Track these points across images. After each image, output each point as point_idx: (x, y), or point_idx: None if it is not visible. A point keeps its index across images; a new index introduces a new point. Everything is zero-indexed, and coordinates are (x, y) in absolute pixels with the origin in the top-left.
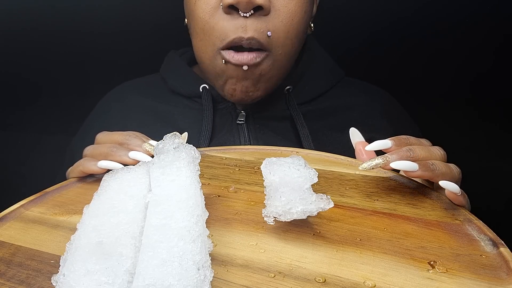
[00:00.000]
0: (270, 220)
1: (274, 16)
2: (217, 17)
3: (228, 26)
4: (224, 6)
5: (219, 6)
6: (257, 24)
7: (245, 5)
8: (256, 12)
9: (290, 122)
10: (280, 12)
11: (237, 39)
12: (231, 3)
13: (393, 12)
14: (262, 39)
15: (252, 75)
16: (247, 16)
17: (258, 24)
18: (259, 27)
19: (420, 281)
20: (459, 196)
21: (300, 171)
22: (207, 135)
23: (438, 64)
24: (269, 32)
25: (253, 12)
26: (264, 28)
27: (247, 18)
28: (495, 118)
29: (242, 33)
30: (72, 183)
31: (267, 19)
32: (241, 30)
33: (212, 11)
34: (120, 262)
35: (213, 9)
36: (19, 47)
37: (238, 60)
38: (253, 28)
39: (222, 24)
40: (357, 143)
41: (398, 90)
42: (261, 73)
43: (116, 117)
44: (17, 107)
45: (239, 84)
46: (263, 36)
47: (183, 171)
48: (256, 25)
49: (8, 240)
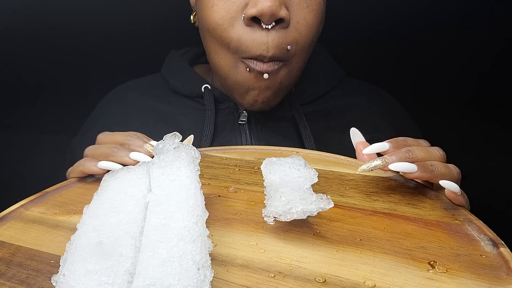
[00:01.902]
0: (270, 220)
1: (293, 29)
2: (237, 27)
3: (250, 41)
4: (246, 17)
5: (240, 17)
6: (278, 40)
7: (268, 18)
8: (277, 25)
9: (292, 122)
10: (299, 24)
11: (260, 56)
12: (255, 15)
13: (394, 12)
14: (282, 55)
15: (273, 85)
16: (268, 29)
17: (279, 40)
18: (280, 43)
19: (420, 281)
20: (459, 196)
21: (300, 171)
22: (209, 135)
23: (438, 64)
24: (289, 46)
25: (274, 25)
26: (285, 43)
27: (268, 31)
28: (495, 118)
29: (264, 51)
30: (72, 183)
31: (286, 32)
32: (264, 48)
33: (231, 20)
34: (120, 262)
35: (233, 18)
36: (19, 47)
37: (261, 68)
38: (274, 45)
39: (244, 38)
40: (357, 144)
41: (398, 90)
42: (281, 81)
43: (117, 117)
44: (17, 107)
45: (261, 96)
46: (283, 51)
47: (183, 171)
48: (277, 41)
49: (8, 240)
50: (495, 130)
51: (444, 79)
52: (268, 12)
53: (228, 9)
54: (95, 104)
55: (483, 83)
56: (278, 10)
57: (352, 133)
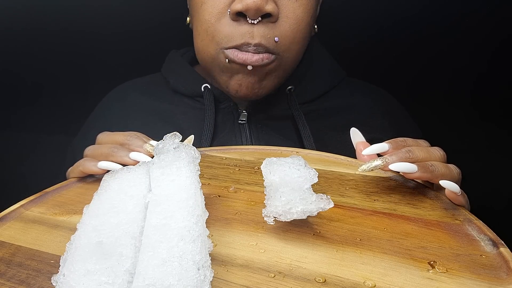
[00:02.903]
0: (270, 220)
1: (282, 23)
2: (223, 21)
3: (234, 32)
4: (232, 12)
5: (227, 12)
6: (264, 31)
7: (253, 13)
8: (264, 19)
9: (291, 122)
10: (288, 18)
11: (244, 44)
12: (240, 10)
13: (393, 12)
14: (269, 45)
15: (258, 72)
16: (254, 23)
17: (266, 31)
18: (266, 33)
19: (420, 281)
20: (459, 196)
21: (300, 171)
22: (209, 135)
23: (438, 64)
24: (277, 38)
25: (260, 19)
26: (272, 34)
27: (254, 25)
28: (495, 118)
29: (249, 39)
30: (72, 183)
31: (274, 26)
32: (248, 36)
33: (218, 15)
34: (120, 262)
35: (220, 13)
36: (19, 47)
37: (242, 59)
38: (260, 34)
39: (229, 30)
40: (358, 143)
41: (398, 90)
42: (267, 72)
43: (117, 116)
44: (18, 107)
45: (244, 80)
46: (270, 42)
47: (183, 171)
48: (263, 31)
49: (8, 240)
50: (495, 130)
51: (444, 79)
52: (253, 7)
53: (215, 5)
54: (95, 104)
55: (483, 83)
56: (263, 5)
57: (352, 133)
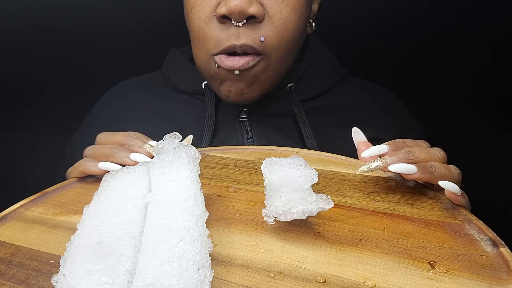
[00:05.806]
0: (270, 220)
1: (267, 23)
2: (211, 25)
3: (221, 35)
4: (217, 16)
5: (214, 15)
6: (250, 32)
7: (237, 16)
8: (249, 21)
9: (292, 119)
10: (274, 19)
11: (230, 46)
12: (224, 14)
13: (395, 11)
14: (255, 45)
15: (246, 77)
16: (240, 26)
17: (251, 32)
18: (252, 34)
19: (420, 281)
20: (459, 197)
21: (300, 171)
22: (210, 132)
23: (439, 64)
24: (262, 38)
25: (246, 22)
26: (257, 35)
27: (239, 27)
28: (495, 118)
29: (235, 40)
30: (72, 183)
31: (260, 26)
32: (234, 38)
33: (206, 19)
34: (120, 262)
35: (208, 18)
36: (19, 47)
37: (228, 65)
38: (245, 35)
39: (216, 33)
40: (359, 143)
41: (398, 90)
42: (255, 75)
43: (117, 114)
44: (18, 107)
45: (233, 86)
46: (256, 42)
47: (183, 171)
48: (248, 32)
49: (8, 240)
50: (495, 130)
51: (445, 79)
52: (236, 10)
53: (203, 10)
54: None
55: (483, 83)
56: (247, 7)
57: (354, 132)
